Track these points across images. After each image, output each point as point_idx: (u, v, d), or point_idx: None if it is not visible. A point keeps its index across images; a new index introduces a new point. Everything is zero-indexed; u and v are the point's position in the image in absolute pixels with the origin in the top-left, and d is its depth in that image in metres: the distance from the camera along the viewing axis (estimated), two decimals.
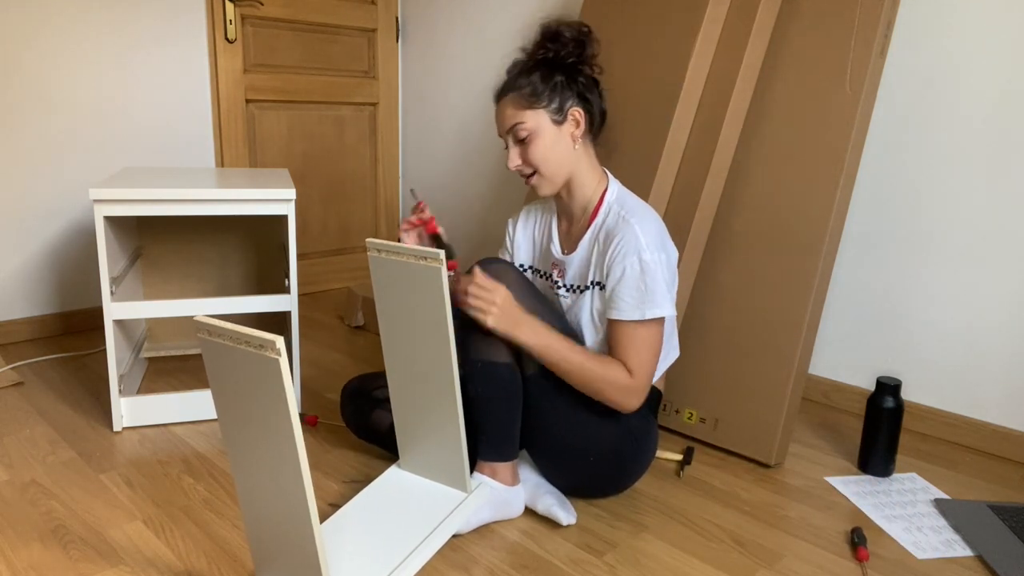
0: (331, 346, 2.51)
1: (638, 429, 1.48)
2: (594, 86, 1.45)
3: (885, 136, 1.98)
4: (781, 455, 1.76)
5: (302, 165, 3.08)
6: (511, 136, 1.42)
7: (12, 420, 1.88)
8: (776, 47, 1.90)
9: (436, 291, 1.28)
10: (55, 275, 2.54)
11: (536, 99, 1.39)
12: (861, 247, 2.05)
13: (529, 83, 1.39)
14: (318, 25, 3.01)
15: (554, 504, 1.45)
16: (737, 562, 1.37)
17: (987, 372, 1.88)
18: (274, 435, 1.02)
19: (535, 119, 1.39)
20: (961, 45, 1.84)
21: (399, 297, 1.34)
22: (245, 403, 1.04)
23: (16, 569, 1.30)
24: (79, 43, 2.45)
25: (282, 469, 1.04)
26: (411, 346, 1.37)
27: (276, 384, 0.98)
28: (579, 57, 1.42)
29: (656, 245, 1.38)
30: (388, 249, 1.32)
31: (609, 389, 1.38)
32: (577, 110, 1.41)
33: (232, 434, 1.09)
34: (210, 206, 1.80)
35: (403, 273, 1.31)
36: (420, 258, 1.27)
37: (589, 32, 1.42)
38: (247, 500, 1.12)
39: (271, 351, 0.97)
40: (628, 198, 1.46)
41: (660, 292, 1.36)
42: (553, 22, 1.42)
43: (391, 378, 1.45)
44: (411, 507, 1.39)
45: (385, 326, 1.40)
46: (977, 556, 1.41)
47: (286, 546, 1.10)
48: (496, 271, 1.40)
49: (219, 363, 1.04)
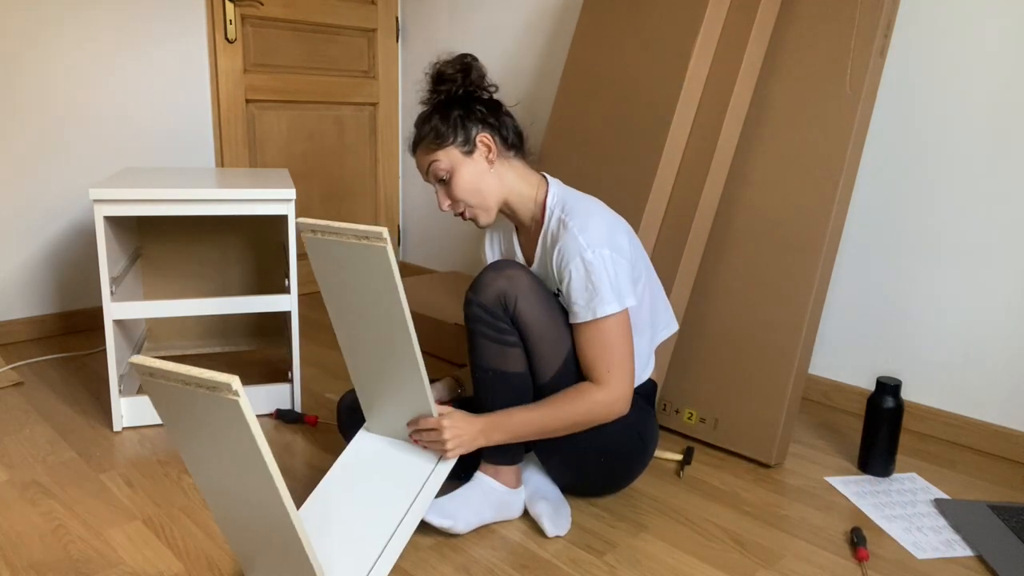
0: (331, 346, 2.52)
1: (641, 426, 1.48)
2: (496, 107, 1.45)
3: (885, 136, 1.98)
4: (781, 455, 1.76)
5: (302, 165, 3.08)
6: (433, 179, 1.43)
7: (12, 420, 1.88)
8: (776, 47, 1.90)
9: (384, 270, 1.21)
10: (55, 275, 2.54)
11: (441, 139, 1.40)
12: (861, 247, 2.05)
13: (431, 128, 1.41)
14: (318, 25, 3.01)
15: (545, 513, 1.44)
16: (737, 562, 1.37)
17: (987, 372, 1.88)
18: (246, 468, 0.99)
19: (446, 157, 1.40)
20: (961, 45, 1.84)
21: (344, 278, 1.28)
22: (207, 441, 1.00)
23: (16, 569, 1.30)
24: (79, 43, 2.45)
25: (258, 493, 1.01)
26: (364, 325, 1.32)
27: (239, 423, 0.94)
28: (468, 86, 1.43)
29: (598, 242, 1.35)
30: (326, 230, 1.23)
31: (593, 414, 1.37)
32: (484, 135, 1.41)
33: (196, 465, 1.05)
34: (210, 206, 1.80)
35: (346, 254, 1.23)
36: (362, 238, 1.20)
37: (471, 60, 1.44)
38: (224, 520, 1.10)
39: (228, 393, 0.92)
40: (569, 199, 1.44)
41: (607, 288, 1.33)
42: (435, 65, 1.44)
43: (347, 354, 1.40)
44: (388, 473, 1.36)
45: (333, 308, 1.34)
46: (977, 556, 1.41)
47: (270, 546, 1.09)
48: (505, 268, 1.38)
49: (170, 404, 1.00)
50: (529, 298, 1.36)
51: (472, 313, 1.38)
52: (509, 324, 1.37)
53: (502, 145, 1.44)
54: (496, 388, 1.39)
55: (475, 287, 1.38)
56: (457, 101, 1.42)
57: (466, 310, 1.39)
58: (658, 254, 1.89)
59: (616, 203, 1.91)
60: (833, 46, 1.79)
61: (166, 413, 1.02)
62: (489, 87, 1.46)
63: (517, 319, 1.36)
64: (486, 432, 1.37)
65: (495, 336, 1.37)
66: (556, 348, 1.38)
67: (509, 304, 1.35)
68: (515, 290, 1.35)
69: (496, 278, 1.36)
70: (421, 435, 1.38)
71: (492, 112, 1.44)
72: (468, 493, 1.44)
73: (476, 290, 1.38)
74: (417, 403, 1.37)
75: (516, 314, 1.36)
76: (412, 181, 3.36)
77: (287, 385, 1.97)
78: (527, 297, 1.36)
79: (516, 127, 1.48)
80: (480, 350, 1.39)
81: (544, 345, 1.38)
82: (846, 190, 1.76)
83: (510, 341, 1.37)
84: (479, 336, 1.38)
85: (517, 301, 1.35)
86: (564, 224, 1.38)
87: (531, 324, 1.37)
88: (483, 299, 1.36)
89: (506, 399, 1.39)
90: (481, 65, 1.45)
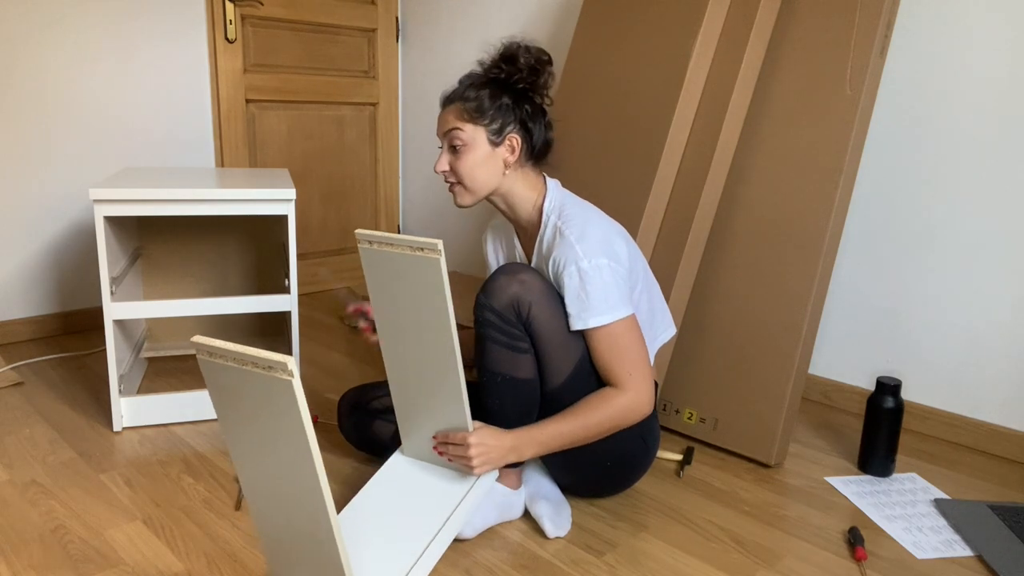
0: (331, 346, 2.52)
1: (644, 428, 1.47)
2: (540, 116, 1.43)
3: (885, 136, 1.98)
4: (781, 455, 1.76)
5: (302, 165, 3.08)
6: (446, 141, 1.41)
7: (12, 420, 1.89)
8: (776, 47, 1.90)
9: (435, 282, 1.22)
10: (55, 275, 2.54)
11: (479, 115, 1.38)
12: (861, 247, 2.05)
13: (476, 98, 1.38)
14: (318, 25, 3.01)
15: (546, 514, 1.44)
16: (737, 562, 1.37)
17: (987, 372, 1.88)
18: (290, 454, 1.00)
19: (473, 134, 1.38)
20: (961, 45, 1.84)
21: (395, 289, 1.30)
22: (256, 423, 1.01)
23: (16, 569, 1.30)
24: (79, 43, 2.45)
25: (298, 480, 1.01)
26: (411, 337, 1.33)
27: (290, 405, 0.95)
28: (531, 84, 1.41)
29: (595, 251, 1.34)
30: (381, 240, 1.26)
31: (621, 419, 1.36)
32: (515, 136, 1.40)
33: (241, 450, 1.06)
34: (210, 206, 1.80)
35: (398, 265, 1.26)
36: (416, 249, 1.21)
37: (547, 61, 1.41)
38: (260, 512, 1.10)
39: (283, 372, 0.93)
40: (567, 205, 1.42)
41: (599, 299, 1.32)
42: (515, 44, 1.41)
43: (390, 367, 1.40)
44: (422, 494, 1.36)
45: (382, 319, 1.36)
46: (977, 556, 1.41)
47: (306, 553, 1.08)
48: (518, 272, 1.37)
49: (224, 385, 1.01)
50: (542, 304, 1.34)
51: (484, 318, 1.35)
52: (522, 330, 1.35)
53: (526, 153, 1.43)
54: (505, 394, 1.38)
55: (487, 291, 1.35)
56: (512, 89, 1.40)
57: (477, 314, 1.36)
58: (658, 254, 1.89)
59: (616, 203, 1.91)
60: (833, 46, 1.79)
61: (218, 396, 1.03)
62: (547, 95, 1.44)
63: (530, 325, 1.34)
64: (518, 449, 1.34)
65: (507, 342, 1.35)
66: (567, 355, 1.37)
67: (523, 310, 1.33)
68: (529, 295, 1.33)
69: (509, 282, 1.34)
70: (448, 449, 1.35)
71: (535, 118, 1.42)
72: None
73: (488, 294, 1.35)
74: (454, 419, 1.35)
75: (529, 320, 1.34)
76: (412, 181, 3.36)
77: None
78: (540, 303, 1.34)
79: (548, 140, 1.46)
80: (490, 355, 1.36)
81: (555, 351, 1.36)
82: (846, 190, 1.76)
83: (522, 348, 1.35)
84: (490, 341, 1.36)
85: (531, 307, 1.33)
86: (560, 232, 1.36)
87: (544, 331, 1.35)
88: (496, 304, 1.34)
89: (514, 405, 1.38)
90: (553, 71, 1.43)
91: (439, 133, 1.44)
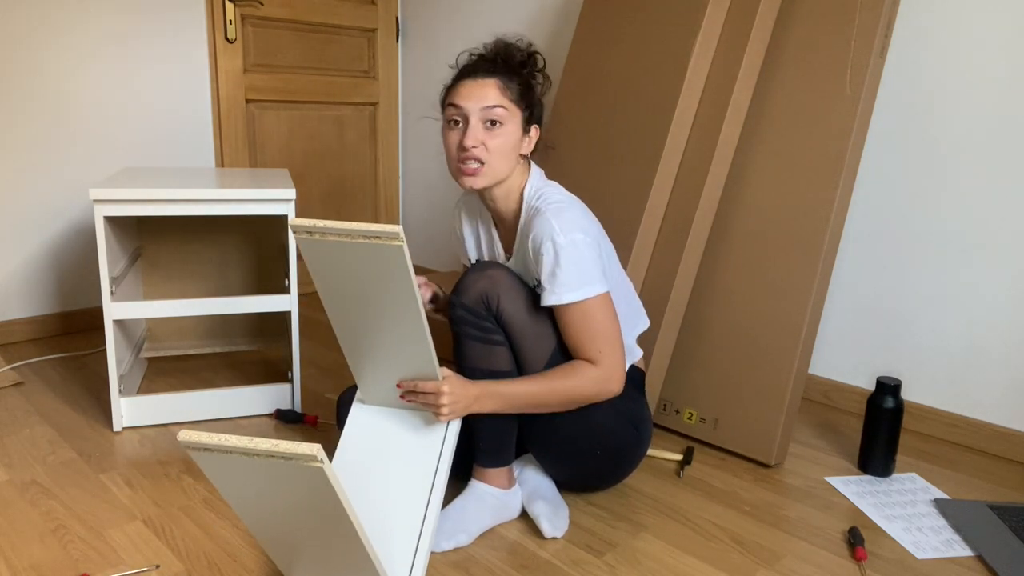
0: (331, 346, 2.52)
1: (636, 417, 1.48)
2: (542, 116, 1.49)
3: (885, 136, 1.98)
4: (781, 455, 1.76)
5: (302, 165, 3.08)
6: (481, 115, 1.35)
7: (12, 420, 1.89)
8: (776, 47, 1.90)
9: (399, 271, 1.12)
10: (55, 275, 2.54)
11: (521, 100, 1.39)
12: (861, 247, 2.05)
13: (520, 84, 1.40)
14: (318, 25, 3.01)
15: (543, 514, 1.44)
16: (737, 562, 1.37)
17: (987, 372, 1.88)
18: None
19: (512, 114, 1.38)
20: (961, 45, 1.84)
21: (348, 281, 1.19)
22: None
23: (16, 569, 1.30)
24: (79, 43, 2.45)
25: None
26: (372, 328, 1.26)
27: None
28: (542, 87, 1.47)
29: (570, 227, 1.34)
30: (325, 231, 1.11)
31: (587, 390, 1.36)
32: (537, 128, 1.44)
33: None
34: (210, 206, 1.80)
35: (352, 256, 1.13)
36: (373, 237, 1.08)
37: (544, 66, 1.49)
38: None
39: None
40: (547, 189, 1.43)
41: (573, 275, 1.33)
42: (541, 55, 1.46)
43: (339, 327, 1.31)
44: (399, 454, 1.32)
45: (334, 309, 1.26)
46: (977, 556, 1.41)
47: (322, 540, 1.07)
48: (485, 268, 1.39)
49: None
50: (511, 295, 1.37)
51: (457, 315, 1.38)
52: (493, 323, 1.37)
53: (532, 151, 1.47)
54: None
55: (458, 290, 1.39)
56: (532, 87, 1.44)
57: (451, 313, 1.39)
58: (658, 254, 1.89)
59: (616, 203, 1.92)
60: (833, 46, 1.79)
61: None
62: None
63: (500, 317, 1.37)
64: (480, 399, 1.33)
65: (480, 336, 1.38)
66: (541, 344, 1.39)
67: (492, 303, 1.36)
68: (496, 289, 1.36)
69: (478, 279, 1.37)
70: (416, 397, 1.32)
71: (542, 118, 1.48)
72: (463, 504, 1.43)
73: (459, 292, 1.38)
74: (422, 367, 1.30)
75: (499, 312, 1.37)
76: (412, 181, 3.36)
77: (287, 385, 1.97)
78: (508, 295, 1.37)
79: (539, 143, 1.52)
80: (466, 351, 1.39)
81: (529, 342, 1.38)
82: (846, 190, 1.76)
83: (496, 340, 1.38)
84: (465, 337, 1.39)
85: (500, 300, 1.36)
86: (538, 211, 1.38)
87: (514, 321, 1.37)
88: (466, 300, 1.37)
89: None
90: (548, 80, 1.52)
91: (471, 104, 1.36)
